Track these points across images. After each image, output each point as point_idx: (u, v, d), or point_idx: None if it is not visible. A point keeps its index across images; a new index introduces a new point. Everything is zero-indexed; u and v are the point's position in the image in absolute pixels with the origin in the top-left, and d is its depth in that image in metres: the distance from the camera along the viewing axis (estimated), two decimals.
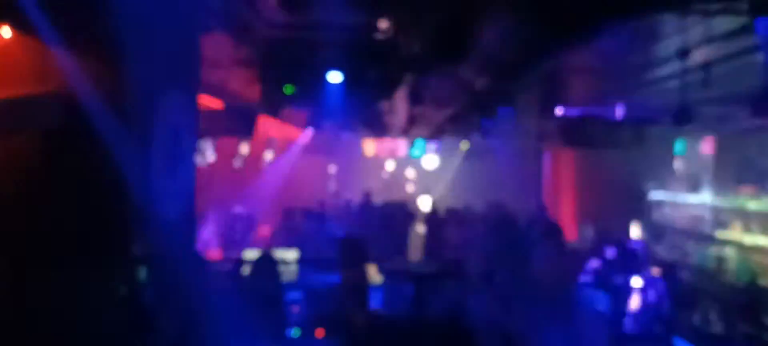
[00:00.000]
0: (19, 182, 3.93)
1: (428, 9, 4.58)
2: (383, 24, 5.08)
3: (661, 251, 9.32)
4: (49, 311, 3.86)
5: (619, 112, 7.44)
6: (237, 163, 10.45)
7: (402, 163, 18.55)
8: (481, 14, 3.72)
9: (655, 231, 10.04)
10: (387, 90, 5.74)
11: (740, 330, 5.33)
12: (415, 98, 7.14)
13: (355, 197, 14.32)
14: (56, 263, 3.95)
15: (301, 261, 6.77)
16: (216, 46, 5.32)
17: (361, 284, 5.33)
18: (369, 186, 14.73)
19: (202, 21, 4.81)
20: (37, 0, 3.80)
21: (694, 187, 9.29)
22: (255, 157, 11.49)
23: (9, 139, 3.90)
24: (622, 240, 6.50)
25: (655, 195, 10.43)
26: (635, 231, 9.71)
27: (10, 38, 3.85)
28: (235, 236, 8.35)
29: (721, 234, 8.25)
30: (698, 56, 5.09)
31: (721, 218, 8.36)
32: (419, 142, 15.35)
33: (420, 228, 11.11)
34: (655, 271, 6.68)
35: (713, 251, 8.27)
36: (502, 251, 8.10)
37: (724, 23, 4.53)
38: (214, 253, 7.71)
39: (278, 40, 5.46)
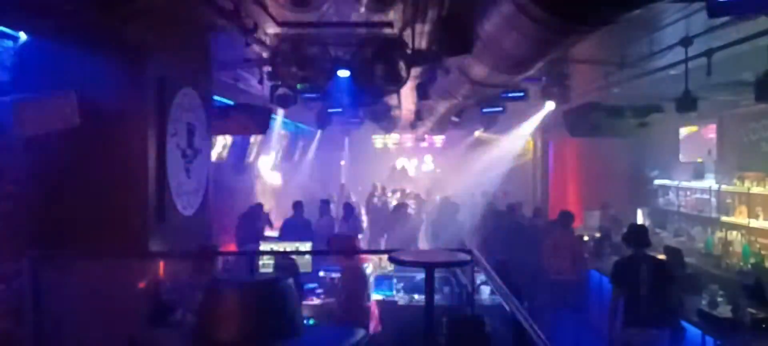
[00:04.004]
0: (42, 181, 4.08)
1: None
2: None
3: (667, 235, 9.42)
4: (71, 303, 4.02)
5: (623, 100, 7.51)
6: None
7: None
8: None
9: (660, 216, 10.13)
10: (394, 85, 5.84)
11: (746, 313, 5.41)
12: (421, 93, 7.24)
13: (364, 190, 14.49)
14: (76, 257, 4.11)
15: (315, 253, 6.94)
16: (228, 45, 5.46)
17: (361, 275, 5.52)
18: (377, 179, 14.93)
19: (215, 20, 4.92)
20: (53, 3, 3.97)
21: (699, 173, 9.36)
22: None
23: (32, 139, 4.04)
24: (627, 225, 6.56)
25: (660, 181, 10.50)
26: (640, 216, 9.80)
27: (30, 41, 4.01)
28: (249, 230, 8.50)
29: (726, 219, 8.33)
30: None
31: (725, 203, 8.44)
32: None
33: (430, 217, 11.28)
34: (661, 255, 6.78)
35: (719, 235, 8.35)
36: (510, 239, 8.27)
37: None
38: (230, 246, 7.89)
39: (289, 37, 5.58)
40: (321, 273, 6.49)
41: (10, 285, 3.97)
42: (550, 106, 8.76)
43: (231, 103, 7.24)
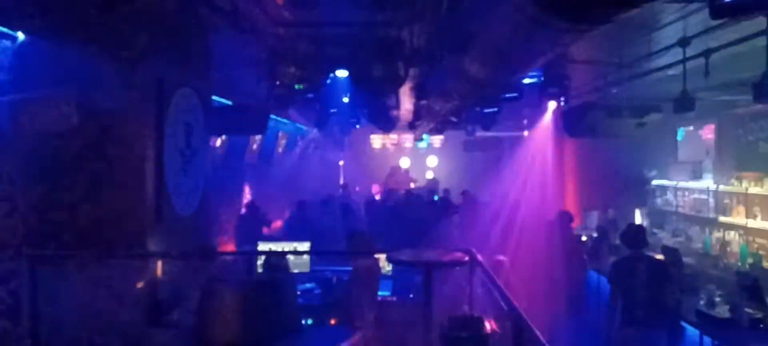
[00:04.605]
0: (40, 181, 4.07)
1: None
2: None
3: (665, 236, 9.43)
4: (68, 304, 4.01)
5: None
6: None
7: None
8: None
9: (658, 217, 10.14)
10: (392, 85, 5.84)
11: (744, 313, 5.43)
12: (419, 92, 7.24)
13: (363, 190, 14.49)
14: (74, 257, 4.10)
15: (314, 252, 6.92)
16: (226, 45, 5.46)
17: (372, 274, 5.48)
18: (376, 179, 14.93)
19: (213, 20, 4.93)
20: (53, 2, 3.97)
21: (697, 174, 9.37)
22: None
23: (30, 139, 4.04)
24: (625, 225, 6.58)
25: (658, 182, 10.52)
26: (638, 217, 9.80)
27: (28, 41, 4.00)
28: (248, 229, 8.49)
29: (724, 219, 8.34)
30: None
31: (723, 203, 8.45)
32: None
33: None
34: (659, 255, 6.79)
35: (716, 235, 8.36)
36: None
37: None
38: (228, 246, 7.88)
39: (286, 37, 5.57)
40: (327, 273, 6.47)
41: (8, 285, 3.96)
42: (552, 106, 8.77)
43: (229, 103, 7.23)
